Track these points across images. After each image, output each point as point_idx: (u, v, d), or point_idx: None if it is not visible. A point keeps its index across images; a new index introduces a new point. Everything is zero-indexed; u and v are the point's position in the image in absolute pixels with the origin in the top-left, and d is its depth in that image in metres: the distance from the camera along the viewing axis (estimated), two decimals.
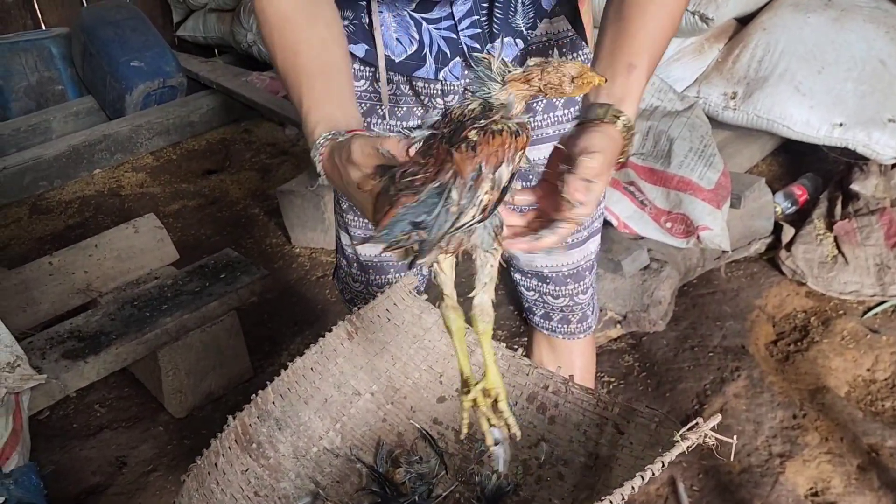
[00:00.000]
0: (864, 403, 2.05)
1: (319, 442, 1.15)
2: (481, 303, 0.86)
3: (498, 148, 0.73)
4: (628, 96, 0.89)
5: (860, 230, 2.45)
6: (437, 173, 0.72)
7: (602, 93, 0.89)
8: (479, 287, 0.85)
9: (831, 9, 2.64)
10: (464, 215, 0.73)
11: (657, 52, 0.93)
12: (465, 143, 0.72)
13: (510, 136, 0.74)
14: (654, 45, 0.92)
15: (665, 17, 0.93)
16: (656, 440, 0.97)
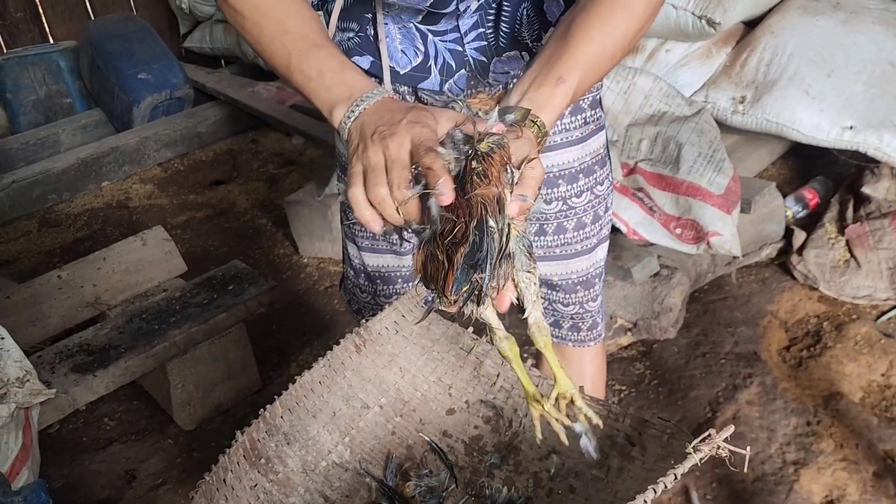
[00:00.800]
0: (879, 409, 2.03)
1: (328, 456, 1.14)
2: (536, 320, 0.92)
3: (500, 164, 0.80)
4: (549, 106, 0.92)
5: (872, 233, 2.42)
6: (470, 213, 0.77)
7: (526, 97, 0.92)
8: (529, 306, 0.90)
9: (840, 11, 2.62)
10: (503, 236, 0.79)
11: (593, 73, 0.95)
12: (476, 175, 0.79)
13: (500, 149, 0.81)
14: (589, 65, 0.94)
15: (609, 42, 0.95)
16: (668, 452, 0.96)
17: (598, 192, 1.29)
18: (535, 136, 0.89)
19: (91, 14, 4.83)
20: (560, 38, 0.95)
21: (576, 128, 1.23)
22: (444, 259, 0.78)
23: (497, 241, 0.78)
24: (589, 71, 0.94)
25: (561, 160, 1.24)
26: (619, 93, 2.59)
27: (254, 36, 1.03)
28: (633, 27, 0.97)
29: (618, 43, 0.96)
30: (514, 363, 0.95)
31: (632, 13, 0.96)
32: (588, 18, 0.94)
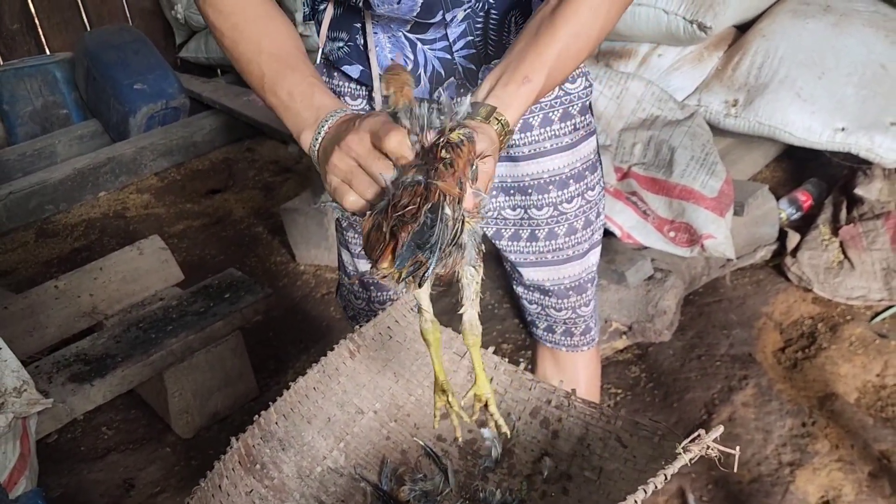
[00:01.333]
0: (875, 409, 2.04)
1: (323, 461, 1.15)
2: (470, 318, 0.93)
3: (467, 157, 0.81)
4: (514, 104, 0.94)
5: (866, 234, 2.43)
6: (427, 197, 0.78)
7: (493, 94, 0.93)
8: (467, 304, 0.92)
9: (830, 14, 2.64)
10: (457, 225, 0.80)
11: (559, 72, 0.98)
12: (444, 164, 0.79)
13: (469, 143, 0.82)
14: (556, 65, 0.96)
15: (575, 44, 0.97)
16: (659, 453, 0.97)
17: (590, 198, 1.30)
18: (499, 134, 0.90)
19: (87, 25, 4.85)
20: (528, 37, 0.97)
21: (566, 134, 1.24)
22: (387, 232, 0.78)
23: (450, 229, 0.79)
24: (555, 70, 0.96)
25: (551, 166, 1.25)
26: (611, 97, 2.60)
27: (233, 54, 1.05)
28: (598, 27, 0.99)
29: (583, 42, 0.98)
30: (433, 348, 0.96)
31: (597, 13, 0.98)
32: (555, 18, 0.96)
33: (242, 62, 1.04)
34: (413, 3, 1.07)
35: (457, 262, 0.82)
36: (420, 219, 0.77)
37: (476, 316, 0.93)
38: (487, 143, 0.86)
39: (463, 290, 0.92)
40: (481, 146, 0.85)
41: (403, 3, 1.07)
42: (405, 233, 0.78)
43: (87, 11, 4.86)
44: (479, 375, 0.98)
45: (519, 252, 1.34)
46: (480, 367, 0.98)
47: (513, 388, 1.16)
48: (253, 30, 1.03)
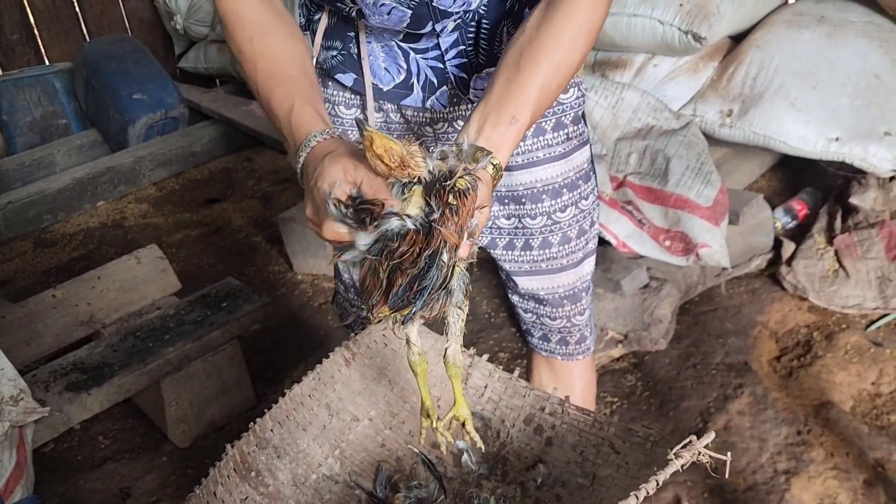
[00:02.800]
0: (870, 417, 2.04)
1: (318, 469, 1.15)
2: (454, 353, 1.00)
3: (470, 206, 0.85)
4: (505, 145, 0.97)
5: (860, 243, 2.45)
6: (428, 243, 0.82)
7: (483, 136, 0.96)
8: (451, 340, 0.98)
9: (824, 24, 2.66)
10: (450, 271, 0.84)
11: (542, 105, 1.01)
12: (450, 210, 0.83)
13: (473, 191, 0.85)
14: (539, 100, 0.99)
15: (556, 76, 1.01)
16: (652, 459, 0.97)
17: (583, 207, 1.31)
18: (492, 177, 0.93)
19: (86, 36, 4.87)
20: (510, 71, 1.00)
21: (558, 143, 1.25)
22: (384, 278, 0.82)
23: (443, 274, 0.82)
24: (539, 104, 1.00)
25: (544, 175, 1.26)
26: (607, 107, 2.62)
27: (243, 72, 1.10)
28: (579, 56, 1.02)
29: (564, 73, 1.02)
30: (419, 378, 1.01)
31: (576, 43, 1.01)
32: (535, 52, 0.99)
33: (247, 80, 1.09)
34: (403, 15, 1.08)
35: (444, 305, 0.86)
36: (420, 264, 0.81)
37: (459, 350, 0.99)
38: (486, 192, 0.89)
39: (448, 327, 0.97)
40: (481, 196, 0.88)
41: (393, 14, 1.08)
42: (402, 279, 0.81)
43: (86, 22, 4.88)
44: (458, 400, 1.03)
45: (513, 261, 1.35)
46: (460, 393, 1.03)
47: (507, 395, 1.17)
48: (251, 49, 1.06)
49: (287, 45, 1.06)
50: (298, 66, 1.06)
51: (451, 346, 0.98)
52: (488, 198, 0.91)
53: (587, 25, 1.01)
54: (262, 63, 1.05)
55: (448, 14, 1.10)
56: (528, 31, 1.02)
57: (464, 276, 0.88)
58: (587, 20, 1.01)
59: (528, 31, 1.02)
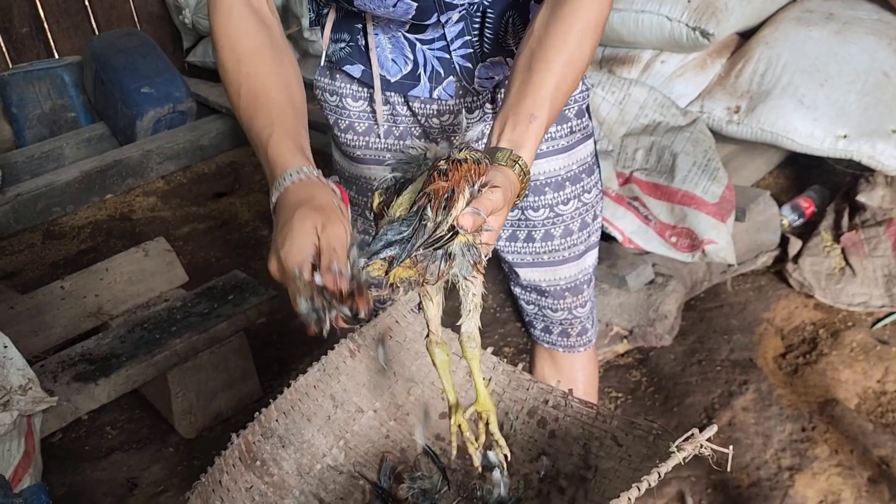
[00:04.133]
0: (875, 415, 2.04)
1: (323, 459, 1.16)
2: (468, 330, 0.95)
3: (465, 174, 0.84)
4: (527, 144, 0.97)
5: (867, 241, 2.44)
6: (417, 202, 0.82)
7: (504, 138, 0.97)
8: (465, 315, 0.94)
9: (833, 22, 2.65)
10: (439, 230, 0.82)
11: (559, 102, 1.02)
12: (437, 171, 0.83)
13: (474, 163, 0.85)
14: (555, 97, 1.00)
15: (569, 72, 1.01)
16: (654, 452, 0.98)
17: (586, 200, 1.32)
18: (518, 177, 0.93)
19: (95, 29, 4.89)
20: (523, 73, 1.01)
21: (562, 136, 1.25)
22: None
23: (429, 231, 0.81)
24: (555, 101, 1.00)
25: (547, 168, 1.26)
26: (614, 103, 2.62)
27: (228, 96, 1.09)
28: (588, 50, 1.03)
29: (577, 68, 1.02)
30: (441, 370, 0.97)
31: (584, 38, 1.02)
32: (546, 52, 1.00)
33: (232, 107, 1.08)
34: (408, 7, 1.09)
35: (443, 271, 0.84)
36: (402, 216, 0.81)
37: (475, 329, 0.95)
38: (502, 178, 0.89)
39: (461, 300, 0.93)
40: (495, 179, 0.87)
41: (399, 6, 1.09)
42: (382, 223, 0.82)
43: (95, 16, 4.90)
44: (479, 391, 0.98)
45: (516, 253, 1.35)
46: (481, 381, 0.98)
47: (511, 388, 1.17)
48: (235, 72, 1.05)
49: (274, 70, 1.04)
50: (283, 92, 1.03)
51: (464, 322, 0.94)
52: (509, 188, 0.89)
53: (594, 20, 1.02)
54: (246, 87, 1.03)
55: (453, 6, 1.10)
56: (536, 31, 1.02)
57: (471, 247, 0.85)
58: (594, 15, 1.02)
59: (536, 31, 1.02)
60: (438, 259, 0.83)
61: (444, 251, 0.83)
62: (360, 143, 1.30)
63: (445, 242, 0.82)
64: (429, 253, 0.82)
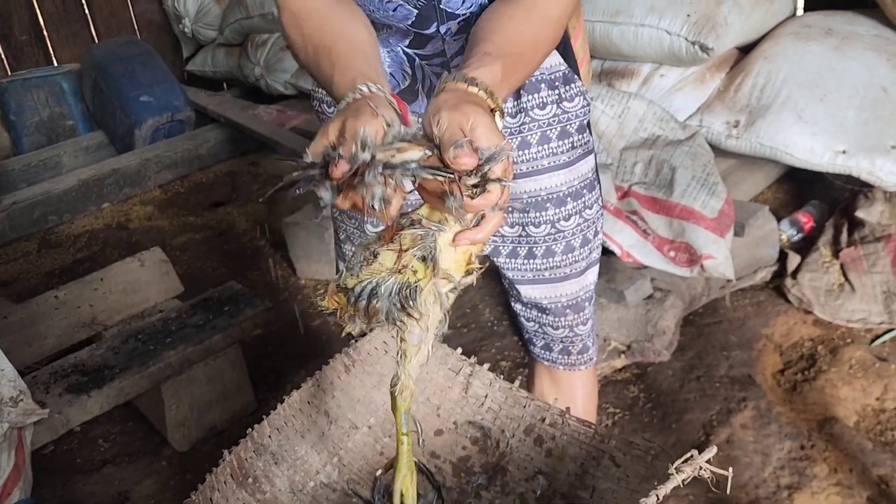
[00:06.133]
0: (874, 433, 2.02)
1: (316, 476, 1.15)
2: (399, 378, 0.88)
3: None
4: (475, 65, 0.89)
5: (866, 257, 2.43)
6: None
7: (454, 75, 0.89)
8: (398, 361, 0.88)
9: (832, 37, 2.65)
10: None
11: (514, 59, 0.94)
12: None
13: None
14: (509, 51, 0.94)
15: (526, 39, 0.98)
16: (652, 473, 0.96)
17: (587, 216, 1.30)
18: (482, 94, 0.85)
19: (95, 37, 4.89)
20: (476, 35, 0.99)
21: (563, 152, 1.24)
22: None
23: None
24: (513, 55, 0.94)
25: (549, 184, 1.25)
26: (613, 116, 2.61)
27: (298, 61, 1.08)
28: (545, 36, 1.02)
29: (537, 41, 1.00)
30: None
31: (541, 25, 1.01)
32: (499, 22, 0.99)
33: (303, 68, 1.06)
34: (408, 13, 1.09)
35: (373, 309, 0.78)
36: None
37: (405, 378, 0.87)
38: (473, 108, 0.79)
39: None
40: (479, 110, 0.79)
41: (399, 11, 1.09)
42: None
43: (95, 24, 4.90)
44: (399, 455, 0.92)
45: (516, 269, 1.34)
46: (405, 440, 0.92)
47: (507, 405, 1.16)
48: (299, 37, 1.04)
49: (330, 21, 1.03)
50: (336, 35, 1.01)
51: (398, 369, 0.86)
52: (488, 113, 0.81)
53: (561, 8, 1.02)
54: (310, 45, 1.02)
55: (454, 16, 1.10)
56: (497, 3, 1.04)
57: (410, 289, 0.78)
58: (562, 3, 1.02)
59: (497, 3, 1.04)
60: (366, 297, 0.78)
61: (372, 289, 0.77)
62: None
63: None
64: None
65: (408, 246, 0.78)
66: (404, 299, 0.78)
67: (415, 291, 0.78)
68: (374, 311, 0.79)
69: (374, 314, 0.79)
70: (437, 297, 0.80)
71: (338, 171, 0.74)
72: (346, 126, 0.78)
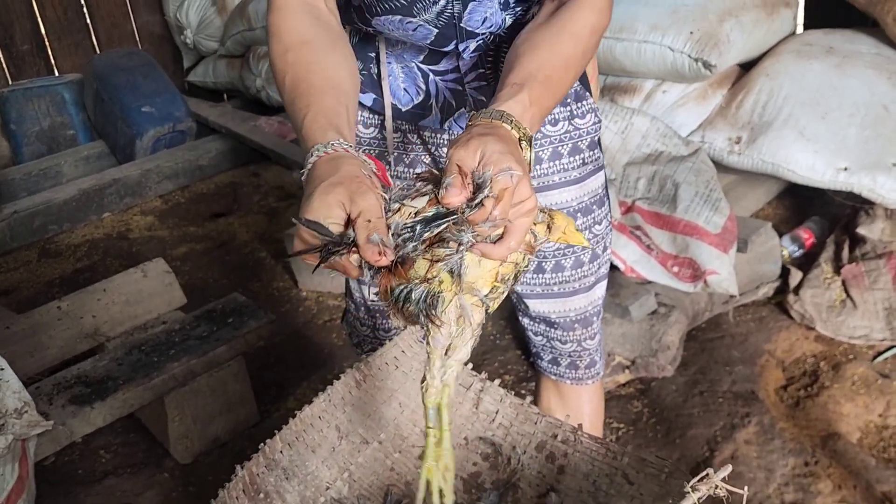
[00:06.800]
0: (877, 450, 2.03)
1: (327, 492, 1.14)
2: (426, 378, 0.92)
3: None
4: (503, 98, 0.92)
5: (868, 274, 2.44)
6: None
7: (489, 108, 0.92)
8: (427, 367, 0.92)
9: (833, 55, 2.67)
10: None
11: (543, 83, 0.96)
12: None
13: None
14: (538, 76, 0.96)
15: (556, 60, 0.99)
16: (666, 491, 0.96)
17: (597, 232, 1.31)
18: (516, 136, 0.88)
19: (97, 48, 4.90)
20: (508, 64, 1.00)
21: (574, 168, 1.25)
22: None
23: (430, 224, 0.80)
24: (543, 83, 0.96)
25: (559, 199, 1.26)
26: (616, 132, 2.62)
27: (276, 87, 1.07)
28: (580, 50, 1.02)
29: (566, 61, 1.00)
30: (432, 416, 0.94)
31: (577, 39, 1.02)
32: (534, 44, 1.00)
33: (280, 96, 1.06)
34: (428, 32, 1.09)
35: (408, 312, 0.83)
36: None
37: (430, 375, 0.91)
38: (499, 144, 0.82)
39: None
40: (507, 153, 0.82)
41: (419, 31, 1.09)
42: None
43: (97, 34, 4.91)
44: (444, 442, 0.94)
45: (525, 283, 1.35)
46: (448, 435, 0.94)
47: (518, 421, 1.16)
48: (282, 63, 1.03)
49: (319, 58, 1.03)
50: (323, 76, 1.01)
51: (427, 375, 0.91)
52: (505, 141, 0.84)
53: (590, 27, 1.03)
54: (290, 75, 1.01)
55: (474, 35, 1.11)
56: (525, 33, 1.04)
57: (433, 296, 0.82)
58: (590, 23, 1.03)
59: (525, 33, 1.04)
60: (402, 300, 0.83)
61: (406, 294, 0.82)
62: None
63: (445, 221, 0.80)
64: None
65: (439, 257, 0.82)
66: (429, 307, 0.83)
67: (437, 300, 0.83)
68: (408, 313, 0.84)
69: (408, 316, 0.84)
70: (461, 308, 0.85)
71: (385, 260, 0.79)
72: (355, 203, 0.80)
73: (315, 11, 1.06)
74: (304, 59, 1.02)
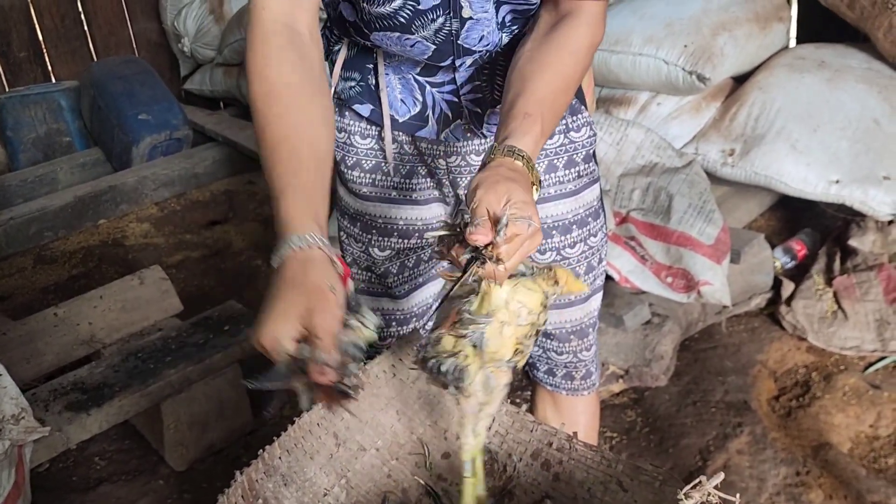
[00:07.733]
0: (867, 460, 2.05)
1: (324, 498, 1.15)
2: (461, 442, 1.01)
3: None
4: (519, 132, 0.96)
5: (859, 285, 2.47)
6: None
7: (497, 138, 0.97)
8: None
9: (825, 69, 2.71)
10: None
11: (551, 108, 1.01)
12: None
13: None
14: (547, 102, 1.00)
15: (561, 84, 1.03)
16: (660, 498, 0.98)
17: (592, 244, 1.33)
18: (526, 169, 0.93)
19: (94, 55, 4.91)
20: (516, 86, 1.02)
21: (569, 180, 1.27)
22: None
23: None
24: (549, 107, 1.00)
25: (555, 212, 1.28)
26: (611, 144, 2.65)
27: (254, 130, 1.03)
28: (581, 69, 1.06)
29: (568, 84, 1.04)
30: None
31: (577, 57, 1.05)
32: (540, 65, 1.03)
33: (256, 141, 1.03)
34: (425, 48, 1.11)
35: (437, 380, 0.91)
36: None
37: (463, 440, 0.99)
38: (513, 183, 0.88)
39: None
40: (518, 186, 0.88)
41: (417, 46, 1.11)
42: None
43: (94, 41, 4.93)
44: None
45: None
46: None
47: (514, 429, 1.17)
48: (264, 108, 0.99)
49: (304, 116, 0.98)
50: (309, 142, 0.97)
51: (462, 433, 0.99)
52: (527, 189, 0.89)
53: (587, 44, 1.06)
54: (272, 129, 0.97)
55: (471, 52, 1.12)
56: (528, 50, 1.06)
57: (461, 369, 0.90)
58: (587, 41, 1.06)
59: (528, 50, 1.06)
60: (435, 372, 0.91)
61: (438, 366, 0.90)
62: (367, 180, 1.31)
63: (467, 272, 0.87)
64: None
65: (463, 333, 0.90)
66: (456, 380, 0.91)
67: (463, 373, 0.91)
68: (441, 382, 0.92)
69: (442, 384, 0.93)
70: (486, 378, 0.93)
71: (325, 379, 0.85)
72: (313, 320, 0.84)
73: (297, 41, 1.01)
74: (288, 113, 0.98)
